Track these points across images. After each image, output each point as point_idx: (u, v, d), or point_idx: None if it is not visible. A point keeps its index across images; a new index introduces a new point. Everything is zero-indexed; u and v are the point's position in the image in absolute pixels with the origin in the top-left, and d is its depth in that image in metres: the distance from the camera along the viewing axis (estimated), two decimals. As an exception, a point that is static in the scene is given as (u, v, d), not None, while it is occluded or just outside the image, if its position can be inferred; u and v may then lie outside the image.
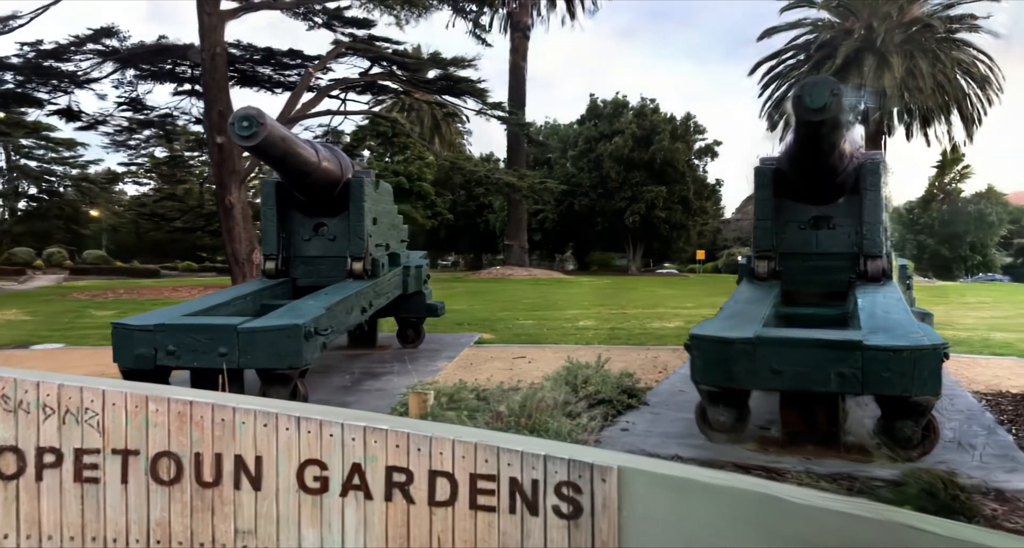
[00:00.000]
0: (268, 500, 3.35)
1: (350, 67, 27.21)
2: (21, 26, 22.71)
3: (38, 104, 27.35)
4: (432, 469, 3.22)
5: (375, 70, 26.85)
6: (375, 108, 38.79)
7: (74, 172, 58.50)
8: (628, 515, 3.01)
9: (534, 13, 43.28)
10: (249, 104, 5.83)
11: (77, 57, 25.11)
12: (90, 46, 24.61)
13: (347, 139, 44.12)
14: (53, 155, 56.92)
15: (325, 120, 30.23)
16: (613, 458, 3.13)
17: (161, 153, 36.92)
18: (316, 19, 24.64)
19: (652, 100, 50.50)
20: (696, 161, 53.77)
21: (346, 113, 28.62)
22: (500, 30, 43.24)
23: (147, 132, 31.62)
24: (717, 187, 57.15)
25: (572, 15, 44.77)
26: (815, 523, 2.73)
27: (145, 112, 29.40)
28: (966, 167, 54.90)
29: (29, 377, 3.45)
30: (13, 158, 56.78)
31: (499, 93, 42.87)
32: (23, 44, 24.08)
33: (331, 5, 24.20)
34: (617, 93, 51.77)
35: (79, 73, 25.80)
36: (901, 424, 4.13)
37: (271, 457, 3.36)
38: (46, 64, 24.85)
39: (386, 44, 25.89)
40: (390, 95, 32.64)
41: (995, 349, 8.99)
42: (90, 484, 3.43)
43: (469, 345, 9.30)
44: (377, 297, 7.42)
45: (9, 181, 58.64)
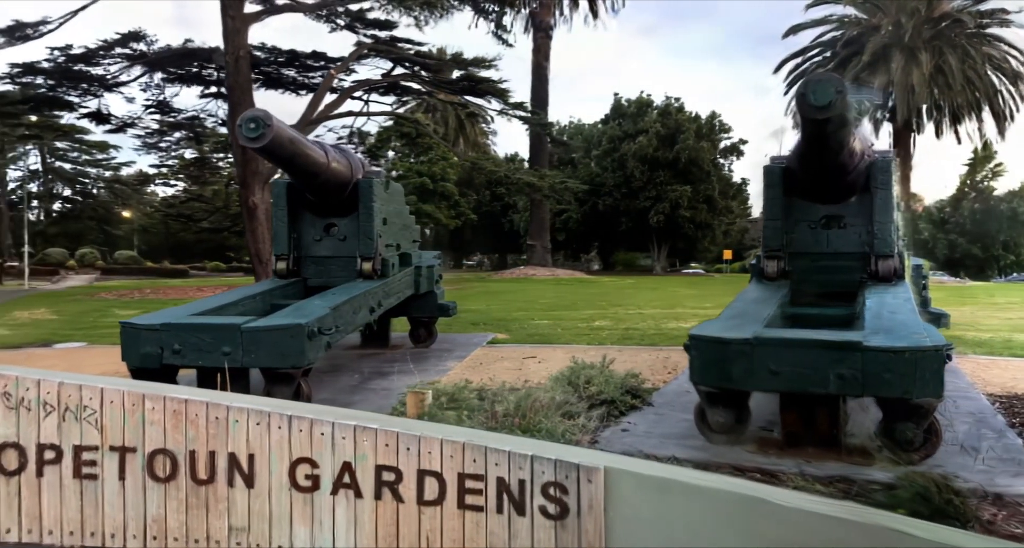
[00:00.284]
0: (261, 498, 3.39)
1: (372, 68, 27.41)
2: (51, 31, 23.18)
3: (69, 107, 27.91)
4: (421, 468, 3.23)
5: (397, 71, 27.01)
6: (399, 109, 39.04)
7: (107, 174, 59.61)
8: (614, 516, 3.00)
9: (556, 13, 43.22)
10: (256, 106, 5.94)
11: (106, 61, 25.56)
12: (118, 50, 25.03)
13: (372, 140, 44.50)
14: (87, 157, 58.02)
15: (348, 121, 30.49)
16: (600, 459, 3.12)
17: (191, 155, 37.48)
18: (338, 21, 24.83)
19: (677, 99, 50.21)
20: (721, 160, 53.33)
21: (369, 114, 28.82)
22: (523, 30, 43.27)
23: (177, 134, 32.12)
24: (743, 186, 56.64)
25: (595, 14, 44.63)
26: (800, 526, 2.71)
27: (173, 115, 29.84)
28: (998, 165, 53.76)
29: (30, 375, 3.53)
30: (48, 160, 57.95)
31: (522, 93, 42.97)
32: (53, 49, 24.59)
33: (353, 7, 24.39)
34: (642, 92, 51.51)
35: (108, 77, 26.27)
36: (902, 426, 4.06)
37: (264, 455, 3.40)
38: (76, 68, 25.35)
39: (408, 45, 26.02)
40: (413, 96, 32.83)
41: (1016, 351, 8.80)
42: (89, 480, 3.50)
43: (481, 345, 9.32)
44: (387, 297, 7.46)
45: (44, 183, 59.83)
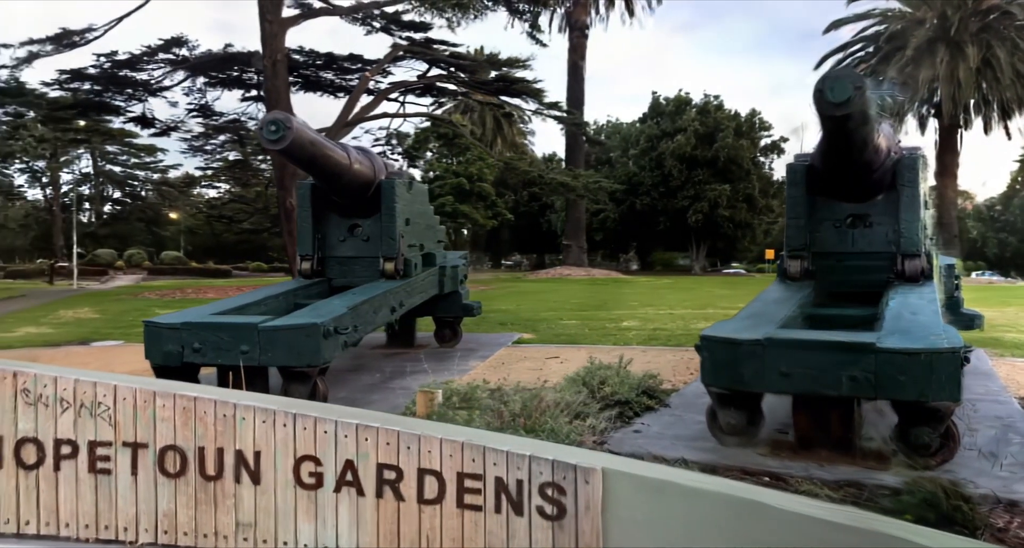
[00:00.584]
0: (267, 495, 3.45)
1: (408, 70, 27.67)
2: (97, 38, 23.89)
3: (115, 112, 28.73)
4: (421, 467, 3.26)
5: (433, 72, 27.20)
6: (436, 111, 39.26)
7: (155, 177, 61.15)
8: (611, 517, 2.99)
9: (592, 12, 43.06)
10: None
11: (150, 66, 26.26)
12: (161, 56, 25.69)
13: (409, 141, 44.89)
14: (135, 160, 59.56)
15: (385, 122, 30.81)
16: (597, 460, 3.10)
17: (234, 157, 38.24)
18: (374, 23, 25.12)
19: (716, 97, 49.62)
20: (762, 158, 52.54)
21: (405, 115, 29.08)
22: (559, 29, 43.21)
23: (222, 137, 32.84)
24: (784, 185, 55.63)
25: (631, 13, 44.41)
26: (796, 530, 2.67)
27: (214, 118, 30.52)
28: (1052, 161, 52.04)
29: (48, 372, 3.64)
30: (99, 164, 59.64)
31: (558, 92, 42.89)
32: (99, 55, 25.34)
33: (389, 10, 24.64)
34: (680, 90, 51.02)
35: (152, 82, 26.98)
36: (918, 431, 3.95)
37: (269, 452, 3.45)
38: (121, 74, 26.08)
39: (443, 46, 26.19)
40: (450, 97, 33.00)
41: (1056, 353, 8.50)
42: (103, 475, 3.59)
43: (507, 345, 9.33)
44: (409, 297, 7.53)
45: (95, 186, 61.57)
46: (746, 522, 2.75)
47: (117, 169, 61.18)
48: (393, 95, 27.52)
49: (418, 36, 25.78)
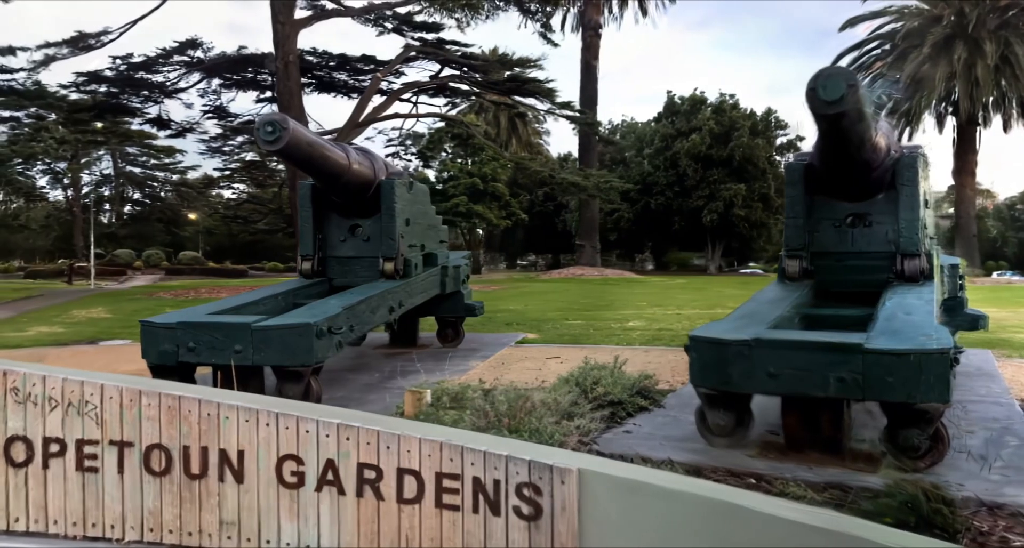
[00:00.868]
0: (250, 493, 3.47)
1: (421, 71, 27.76)
2: (112, 41, 24.15)
3: (132, 113, 29.04)
4: (400, 467, 3.27)
5: (445, 73, 27.26)
6: (451, 111, 39.33)
7: (174, 178, 61.71)
8: (588, 518, 2.99)
9: (606, 11, 42.92)
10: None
11: (165, 68, 26.54)
12: (176, 58, 25.93)
13: (424, 142, 44.98)
14: (155, 162, 60.12)
15: (397, 123, 30.91)
16: (574, 460, 3.10)
17: (251, 158, 38.51)
18: (386, 24, 25.22)
19: (731, 95, 49.26)
20: (778, 157, 52.09)
21: (417, 116, 29.17)
22: (572, 29, 43.11)
23: (240, 138, 33.08)
24: (801, 184, 55.09)
25: (644, 12, 44.25)
26: (770, 532, 2.65)
27: (229, 119, 30.77)
28: (1075, 159, 51.19)
29: (37, 371, 3.68)
30: (120, 165, 60.25)
31: (571, 92, 42.76)
32: (115, 57, 25.63)
33: (401, 10, 24.72)
34: (695, 89, 50.72)
35: (167, 83, 27.26)
36: (907, 432, 3.90)
37: (252, 451, 3.48)
38: (137, 76, 26.37)
39: (455, 47, 26.24)
40: (463, 97, 33.06)
41: (1067, 355, 8.36)
42: (90, 473, 3.63)
43: (509, 345, 9.34)
44: (409, 297, 7.55)
45: (116, 187, 62.22)
46: (722, 524, 2.74)
47: (137, 170, 61.77)
48: (406, 96, 27.62)
49: (430, 37, 25.87)
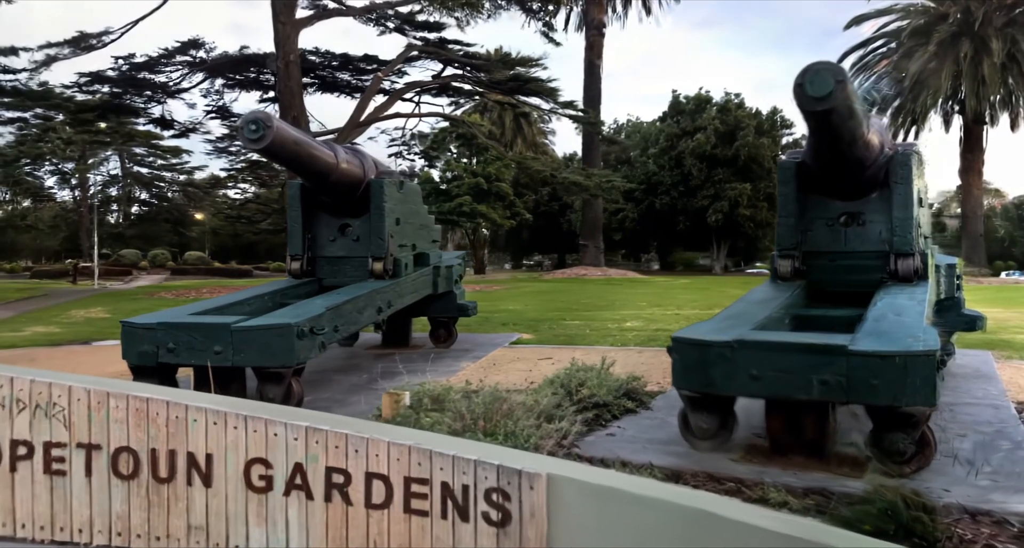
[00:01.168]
0: (218, 497, 3.41)
1: (423, 71, 27.69)
2: (113, 41, 24.16)
3: (135, 113, 29.07)
4: (368, 471, 3.20)
5: (448, 72, 27.19)
6: (455, 111, 39.24)
7: (181, 178, 61.83)
8: (557, 524, 2.91)
9: (609, 10, 42.76)
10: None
11: (168, 69, 26.53)
12: (179, 58, 25.93)
13: (428, 141, 44.96)
14: (162, 162, 60.25)
15: (400, 122, 30.86)
16: (544, 465, 3.03)
17: (256, 158, 38.49)
18: (388, 24, 25.16)
19: (737, 95, 49.11)
20: (783, 157, 51.88)
21: (420, 115, 29.11)
22: (575, 28, 42.95)
23: (246, 138, 32.96)
24: (807, 183, 54.87)
25: (648, 10, 44.07)
26: (742, 540, 2.58)
27: (232, 119, 30.73)
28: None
29: (3, 372, 3.63)
30: (127, 166, 60.40)
31: (574, 91, 42.61)
32: (118, 58, 25.64)
33: (403, 10, 24.67)
34: (700, 89, 50.60)
35: (170, 84, 27.27)
36: (892, 436, 3.80)
37: (220, 454, 3.41)
38: (140, 76, 26.38)
39: (457, 46, 26.17)
40: (466, 97, 32.98)
41: (1068, 356, 8.23)
42: (58, 476, 3.58)
43: (503, 345, 9.26)
44: (399, 297, 7.48)
45: (123, 187, 62.38)
46: (693, 530, 2.67)
47: (144, 171, 61.92)
48: (408, 95, 27.57)
49: (432, 36, 25.80)
